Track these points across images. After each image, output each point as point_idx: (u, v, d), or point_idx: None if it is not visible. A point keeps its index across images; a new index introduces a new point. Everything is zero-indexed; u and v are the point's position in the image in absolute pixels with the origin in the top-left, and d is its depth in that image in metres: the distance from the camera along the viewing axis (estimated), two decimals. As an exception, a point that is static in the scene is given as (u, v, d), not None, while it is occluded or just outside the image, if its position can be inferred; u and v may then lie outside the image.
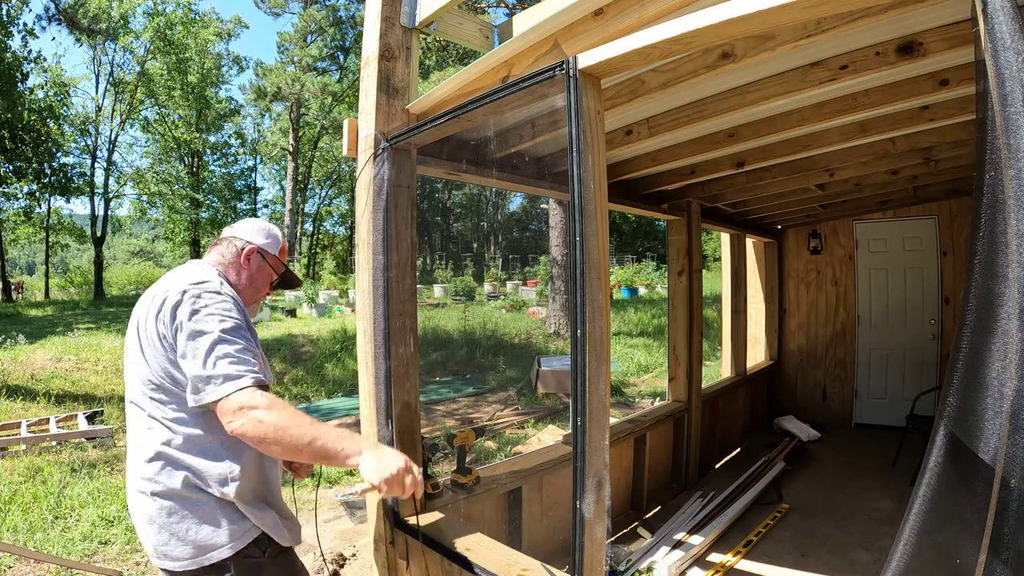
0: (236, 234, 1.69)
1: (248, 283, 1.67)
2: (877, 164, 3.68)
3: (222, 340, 1.33)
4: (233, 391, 1.27)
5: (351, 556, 3.35)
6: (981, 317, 0.87)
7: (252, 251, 1.66)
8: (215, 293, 1.43)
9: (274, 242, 1.73)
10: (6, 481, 4.53)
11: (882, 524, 3.55)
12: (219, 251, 1.66)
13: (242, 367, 1.31)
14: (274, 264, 1.72)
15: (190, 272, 1.52)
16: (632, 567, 3.06)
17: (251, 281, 1.67)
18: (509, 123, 2.62)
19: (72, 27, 22.19)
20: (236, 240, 1.67)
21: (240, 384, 1.28)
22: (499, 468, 2.85)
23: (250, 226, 1.73)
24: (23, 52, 20.56)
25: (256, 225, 1.74)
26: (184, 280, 1.46)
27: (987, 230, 0.86)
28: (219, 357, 1.31)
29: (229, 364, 1.30)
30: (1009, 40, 0.82)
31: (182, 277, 1.49)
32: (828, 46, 1.98)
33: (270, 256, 1.71)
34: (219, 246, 1.67)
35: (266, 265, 1.70)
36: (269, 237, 1.72)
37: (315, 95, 27.19)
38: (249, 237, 1.69)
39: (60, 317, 14.81)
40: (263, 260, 1.69)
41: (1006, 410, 0.80)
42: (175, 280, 1.48)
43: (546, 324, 13.32)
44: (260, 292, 1.71)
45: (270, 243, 1.72)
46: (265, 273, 1.70)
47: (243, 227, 1.72)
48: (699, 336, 4.40)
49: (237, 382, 1.28)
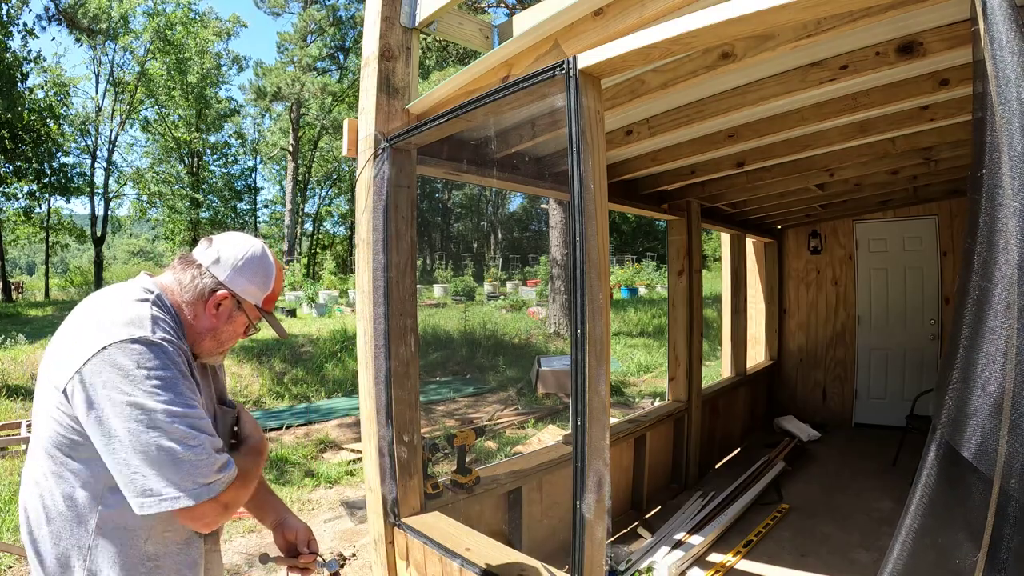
0: (210, 263, 1.23)
1: (210, 335, 1.24)
2: (877, 164, 3.68)
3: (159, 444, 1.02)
4: (202, 500, 1.05)
5: (351, 556, 3.35)
6: (976, 316, 0.87)
7: (223, 298, 1.23)
8: (141, 353, 1.05)
9: (259, 287, 1.27)
10: (6, 481, 4.53)
11: (882, 524, 3.55)
12: (179, 278, 1.23)
13: (201, 477, 1.05)
14: (252, 315, 1.29)
15: (111, 310, 1.12)
16: (632, 567, 3.06)
17: (214, 333, 1.25)
18: (509, 123, 2.62)
19: (72, 27, 22.19)
20: (205, 276, 1.22)
21: (211, 493, 1.06)
22: (499, 468, 2.86)
23: (233, 254, 1.25)
24: (23, 52, 20.58)
25: (241, 252, 1.25)
26: (100, 328, 1.08)
27: (984, 229, 0.86)
28: (161, 464, 1.02)
29: (184, 477, 1.03)
30: (1006, 39, 0.82)
31: (99, 320, 1.10)
32: (828, 46, 1.98)
33: (248, 305, 1.27)
34: (182, 271, 1.24)
35: (241, 315, 1.27)
36: (254, 281, 1.26)
37: (315, 95, 27.18)
38: (225, 275, 1.23)
39: (60, 317, 14.62)
40: (239, 309, 1.26)
41: (1005, 409, 0.80)
42: (89, 324, 1.11)
43: (546, 324, 13.32)
44: (224, 346, 1.29)
45: (253, 290, 1.26)
46: (237, 326, 1.28)
47: (225, 251, 1.25)
48: (699, 336, 4.40)
49: (208, 489, 1.06)
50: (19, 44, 20.54)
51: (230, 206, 29.06)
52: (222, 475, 1.08)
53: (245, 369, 8.82)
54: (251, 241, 1.30)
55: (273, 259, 1.32)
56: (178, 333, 1.17)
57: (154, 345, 1.07)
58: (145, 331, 1.08)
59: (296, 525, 1.41)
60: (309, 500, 4.58)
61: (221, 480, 1.08)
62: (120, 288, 1.20)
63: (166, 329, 1.12)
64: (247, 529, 3.81)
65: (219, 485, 1.07)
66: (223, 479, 1.08)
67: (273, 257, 1.32)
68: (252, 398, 8.09)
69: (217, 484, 1.07)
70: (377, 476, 2.10)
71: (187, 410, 1.06)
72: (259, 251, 1.29)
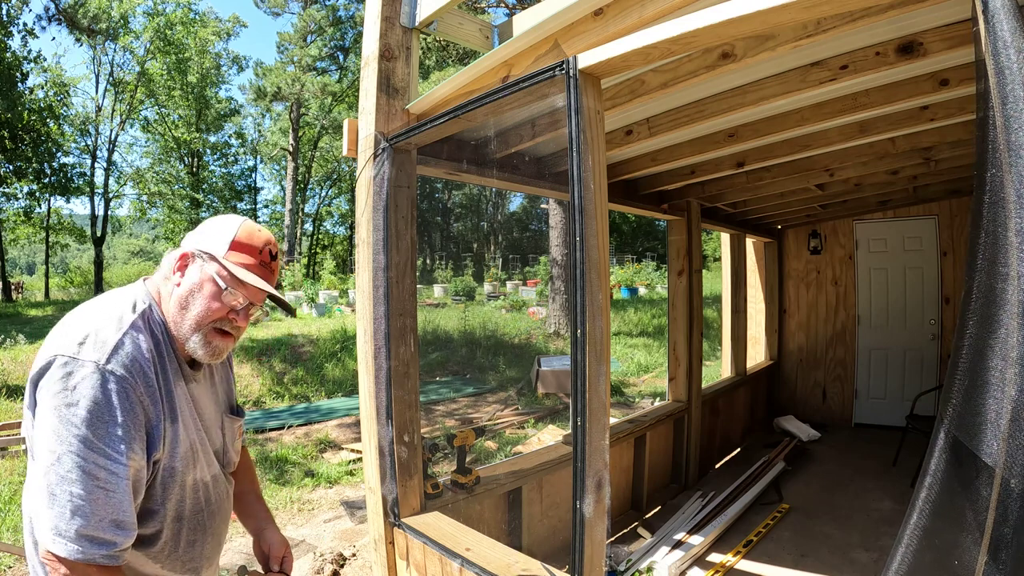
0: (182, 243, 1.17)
1: (178, 306, 1.12)
2: (877, 164, 3.68)
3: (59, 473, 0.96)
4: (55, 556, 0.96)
5: (351, 556, 3.35)
6: (982, 316, 0.87)
7: (186, 258, 1.13)
8: (84, 378, 0.98)
9: (219, 238, 1.13)
10: (6, 481, 4.53)
11: (882, 524, 3.55)
12: (162, 266, 1.19)
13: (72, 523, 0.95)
14: (224, 276, 1.11)
15: (84, 322, 1.07)
16: (632, 567, 3.06)
17: (182, 303, 1.12)
18: (509, 123, 2.62)
19: (72, 27, 22.20)
20: (174, 250, 1.17)
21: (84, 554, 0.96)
22: (499, 468, 2.85)
23: (206, 224, 1.19)
24: (23, 52, 20.59)
25: (207, 222, 1.19)
26: (63, 336, 1.04)
27: (988, 228, 0.86)
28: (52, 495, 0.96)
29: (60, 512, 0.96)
30: (1010, 38, 0.82)
31: (69, 328, 1.06)
32: (828, 46, 1.98)
33: (215, 261, 1.11)
34: (165, 258, 1.19)
35: (211, 278, 1.11)
36: (214, 233, 1.14)
37: (315, 95, 27.18)
38: (187, 242, 1.16)
39: (60, 317, 14.70)
40: (203, 268, 1.12)
41: (1007, 410, 0.80)
42: (62, 330, 1.07)
43: (546, 324, 13.31)
44: (203, 318, 1.12)
45: (216, 240, 1.13)
46: (209, 289, 1.11)
47: (202, 226, 1.20)
48: (699, 336, 4.40)
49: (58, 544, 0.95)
50: (19, 44, 20.58)
51: (230, 206, 29.03)
52: (92, 548, 0.96)
53: (245, 369, 8.82)
54: (228, 215, 1.23)
55: (248, 221, 1.20)
56: (160, 349, 1.11)
57: (103, 375, 0.99)
58: (101, 357, 1.00)
59: (271, 539, 1.39)
60: (309, 500, 4.58)
61: (85, 551, 0.96)
62: (113, 297, 1.15)
63: (129, 356, 1.04)
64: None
65: (78, 553, 0.96)
66: (90, 552, 0.96)
67: (250, 222, 1.20)
68: (252, 398, 8.09)
69: (76, 550, 0.95)
70: (377, 476, 2.10)
71: (97, 456, 0.97)
72: (234, 216, 1.21)
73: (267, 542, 1.39)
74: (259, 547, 1.39)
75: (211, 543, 1.28)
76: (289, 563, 1.39)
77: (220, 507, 1.29)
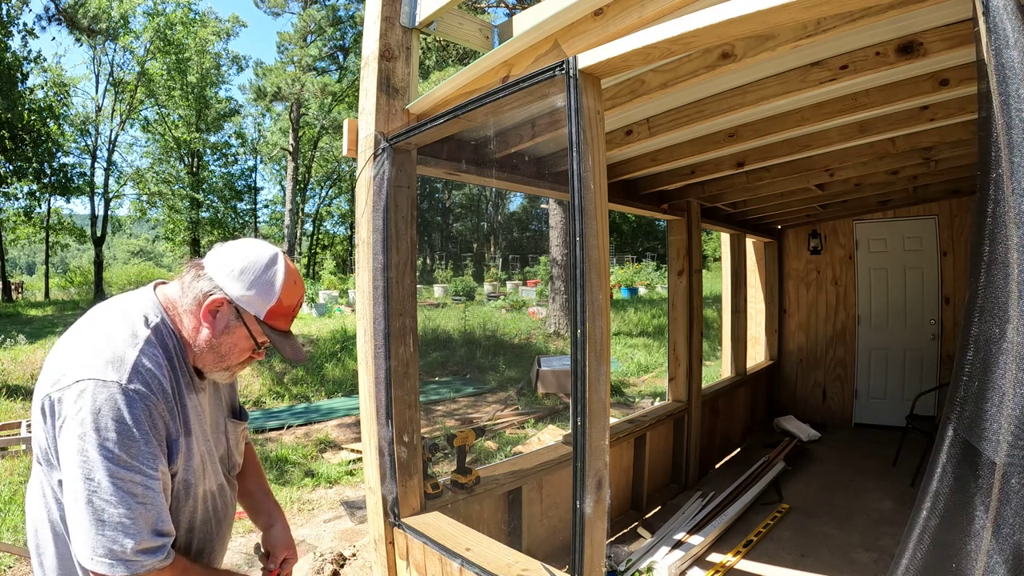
0: (209, 266, 1.14)
1: (208, 347, 1.14)
2: (877, 164, 3.68)
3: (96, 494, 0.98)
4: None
5: (351, 556, 3.35)
6: (989, 316, 0.87)
7: (219, 304, 1.12)
8: (107, 400, 0.99)
9: (260, 296, 1.13)
10: (6, 481, 4.53)
11: (882, 524, 3.55)
12: (183, 282, 1.16)
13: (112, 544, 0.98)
14: (254, 329, 1.15)
15: (101, 338, 1.06)
16: (632, 567, 3.06)
17: (212, 346, 1.14)
18: (509, 123, 2.62)
19: (72, 27, 22.19)
20: (203, 278, 1.13)
21: (128, 570, 0.99)
22: (499, 468, 2.85)
23: (236, 256, 1.14)
24: (23, 52, 20.58)
25: (245, 257, 1.14)
26: (83, 355, 1.03)
27: (991, 228, 0.86)
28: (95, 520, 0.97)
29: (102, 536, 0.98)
30: (1012, 38, 0.82)
31: (86, 346, 1.05)
32: (828, 46, 1.98)
33: (249, 317, 1.14)
34: (188, 274, 1.16)
35: (241, 327, 1.15)
36: (254, 287, 1.12)
37: (315, 95, 27.17)
38: (222, 279, 1.12)
39: (60, 317, 14.81)
40: (237, 320, 1.14)
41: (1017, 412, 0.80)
42: (78, 346, 1.06)
43: (546, 324, 13.32)
44: (228, 360, 1.17)
45: (253, 297, 1.13)
46: (239, 338, 1.15)
47: (229, 254, 1.15)
48: (699, 336, 4.40)
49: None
50: (19, 44, 20.58)
51: (230, 206, 29.03)
52: (147, 558, 0.99)
53: (245, 369, 8.81)
54: (263, 247, 1.17)
55: (287, 269, 1.17)
56: (174, 363, 1.12)
57: (126, 395, 1.00)
58: (121, 376, 1.01)
59: (276, 539, 1.40)
60: (309, 500, 4.58)
61: (143, 563, 0.99)
62: (124, 309, 1.13)
63: (149, 373, 1.05)
64: (247, 529, 3.81)
65: (139, 567, 0.98)
66: (147, 563, 0.99)
67: (289, 268, 1.18)
68: (252, 398, 8.09)
69: (137, 564, 0.98)
70: (377, 476, 2.09)
71: (132, 475, 0.99)
72: (267, 258, 1.15)
73: (271, 542, 1.39)
74: (267, 543, 1.41)
75: (218, 550, 1.30)
76: (290, 565, 1.39)
77: (226, 515, 1.31)
